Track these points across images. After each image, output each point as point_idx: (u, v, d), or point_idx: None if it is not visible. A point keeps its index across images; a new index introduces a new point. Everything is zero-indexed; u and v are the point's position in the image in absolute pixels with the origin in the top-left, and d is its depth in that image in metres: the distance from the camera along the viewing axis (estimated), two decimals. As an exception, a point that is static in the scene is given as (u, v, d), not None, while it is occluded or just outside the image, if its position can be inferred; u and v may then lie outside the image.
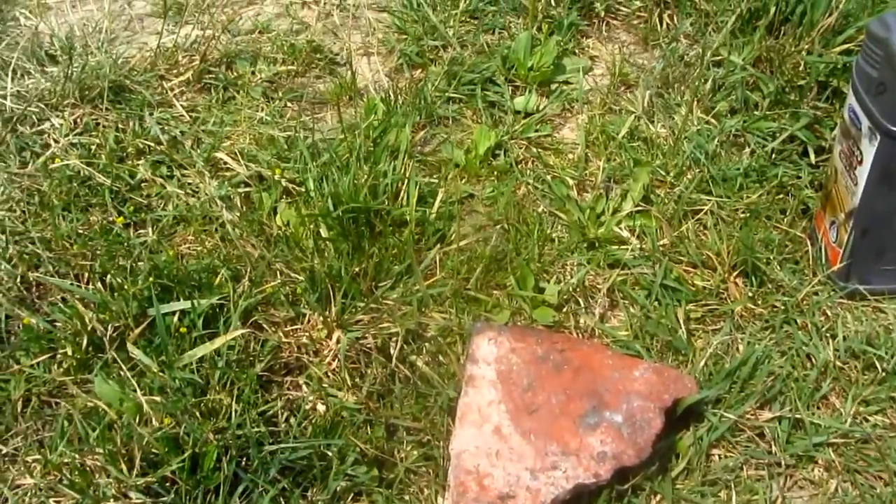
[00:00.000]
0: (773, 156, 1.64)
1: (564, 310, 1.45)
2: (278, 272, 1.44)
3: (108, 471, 1.17)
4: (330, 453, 1.21)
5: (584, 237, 1.53)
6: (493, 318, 1.42)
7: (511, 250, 1.50)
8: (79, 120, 1.75)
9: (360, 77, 1.88)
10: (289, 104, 1.84)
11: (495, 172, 1.67)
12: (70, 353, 1.33)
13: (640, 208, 1.57)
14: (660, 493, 1.22)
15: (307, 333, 1.37)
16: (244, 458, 1.19)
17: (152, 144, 1.69)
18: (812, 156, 1.64)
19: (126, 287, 1.35)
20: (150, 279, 1.34)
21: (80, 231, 1.52)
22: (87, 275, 1.45)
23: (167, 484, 1.16)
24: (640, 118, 1.73)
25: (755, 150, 1.66)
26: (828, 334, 1.38)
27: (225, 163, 1.65)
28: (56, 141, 1.70)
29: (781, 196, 1.58)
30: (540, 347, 1.27)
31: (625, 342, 1.40)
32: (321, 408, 1.28)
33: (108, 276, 1.41)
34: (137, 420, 1.19)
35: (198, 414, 1.20)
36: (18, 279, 1.46)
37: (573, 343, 1.29)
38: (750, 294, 1.44)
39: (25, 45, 1.90)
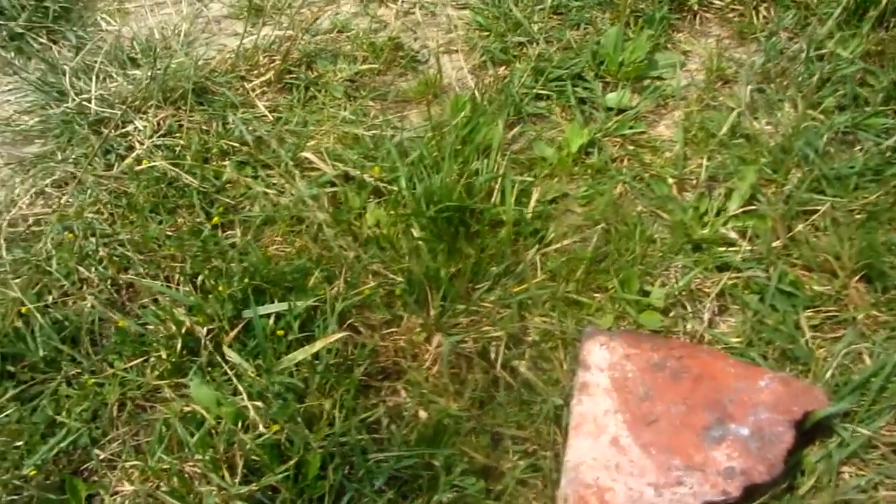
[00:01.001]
0: (889, 154, 1.54)
1: (671, 314, 1.37)
2: (372, 273, 1.39)
3: (209, 478, 1.13)
4: (436, 462, 1.16)
5: (688, 238, 1.46)
6: (595, 321, 1.35)
7: (613, 251, 1.43)
8: (162, 122, 1.73)
9: (443, 75, 1.83)
10: (371, 103, 1.80)
11: (589, 171, 1.60)
12: (164, 356, 1.30)
13: (746, 208, 1.49)
14: (788, 512, 1.13)
15: (404, 337, 1.32)
16: (348, 467, 1.14)
17: (236, 145, 1.66)
18: (932, 153, 1.54)
19: (220, 288, 1.31)
20: (246, 280, 1.31)
21: (169, 233, 1.50)
22: (177, 276, 1.43)
23: (270, 492, 1.12)
24: (742, 114, 1.64)
25: (868, 148, 1.56)
26: (963, 344, 1.28)
27: (310, 162, 1.61)
28: (141, 143, 1.68)
29: (901, 196, 1.48)
30: (655, 354, 1.20)
31: (738, 349, 1.31)
32: (423, 414, 1.23)
33: (201, 278, 1.38)
34: (238, 426, 1.15)
35: (300, 420, 1.15)
36: (109, 281, 1.44)
37: (691, 350, 1.22)
38: (872, 301, 1.35)
39: (108, 50, 1.89)
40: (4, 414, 1.26)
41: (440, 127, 1.63)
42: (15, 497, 1.19)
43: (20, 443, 1.23)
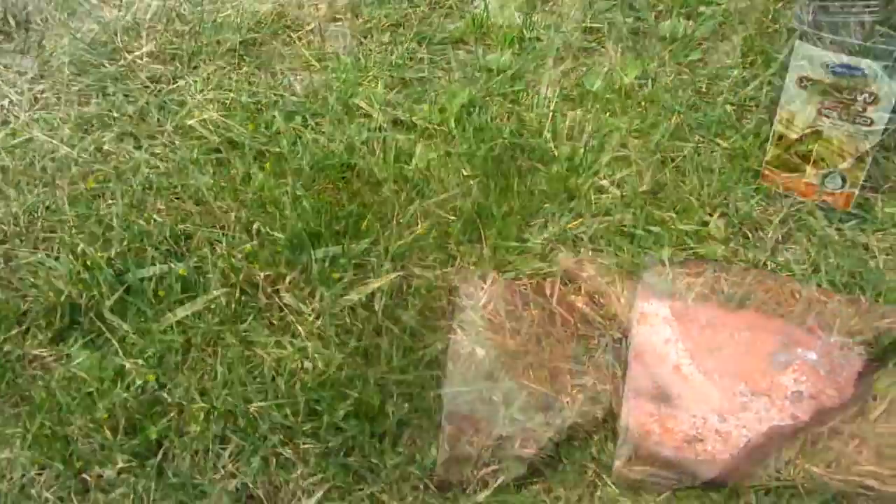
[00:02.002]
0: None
1: (731, 244, 1.33)
2: (424, 215, 1.38)
3: (271, 417, 1.15)
4: (495, 398, 1.16)
5: (748, 165, 1.41)
6: (653, 254, 1.32)
7: (670, 183, 1.39)
8: (212, 76, 1.74)
9: (490, 14, 1.79)
10: (417, 46, 1.77)
11: (643, 102, 1.55)
12: (224, 302, 1.32)
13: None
14: (859, 437, 1.10)
15: (458, 276, 1.31)
16: (407, 404, 1.15)
17: (285, 95, 1.66)
18: None
19: (277, 234, 1.32)
20: (300, 226, 1.31)
21: (223, 184, 1.51)
22: (233, 225, 1.44)
23: (334, 430, 1.13)
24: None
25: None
26: None
27: (360, 108, 1.61)
28: (192, 97, 1.70)
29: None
30: (717, 281, 1.16)
31: (804, 276, 1.27)
32: (480, 352, 1.22)
33: (256, 225, 1.39)
34: (299, 366, 1.17)
35: (358, 359, 1.16)
36: (168, 232, 1.46)
37: (754, 276, 1.18)
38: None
39: (156, 7, 1.90)
40: (76, 362, 1.31)
41: (488, 66, 1.60)
42: (90, 440, 1.23)
43: (91, 389, 1.27)
